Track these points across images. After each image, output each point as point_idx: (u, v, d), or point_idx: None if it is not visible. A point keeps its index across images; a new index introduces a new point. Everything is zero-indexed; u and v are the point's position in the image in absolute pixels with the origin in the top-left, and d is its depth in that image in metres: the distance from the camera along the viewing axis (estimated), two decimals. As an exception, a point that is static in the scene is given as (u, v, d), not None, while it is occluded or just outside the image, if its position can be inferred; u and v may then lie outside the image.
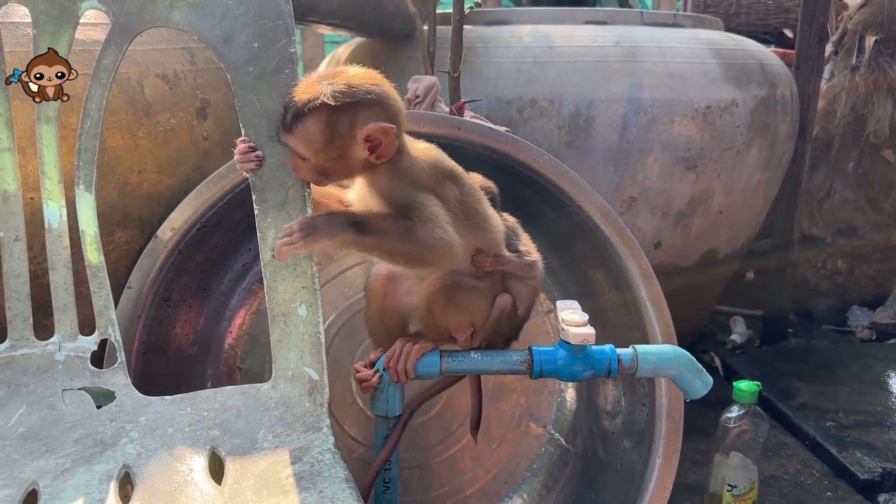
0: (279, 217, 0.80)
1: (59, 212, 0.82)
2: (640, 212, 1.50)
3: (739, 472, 1.24)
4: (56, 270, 0.82)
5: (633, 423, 1.10)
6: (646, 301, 1.02)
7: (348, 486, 0.65)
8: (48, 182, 0.82)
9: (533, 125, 1.44)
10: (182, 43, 1.08)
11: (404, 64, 1.54)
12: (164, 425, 0.76)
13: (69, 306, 0.82)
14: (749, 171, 1.59)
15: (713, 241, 1.63)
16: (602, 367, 0.82)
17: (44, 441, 0.74)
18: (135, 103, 0.98)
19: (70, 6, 0.81)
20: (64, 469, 0.70)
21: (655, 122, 1.44)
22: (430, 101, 1.22)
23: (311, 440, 0.72)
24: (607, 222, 1.02)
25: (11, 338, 0.80)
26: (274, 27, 0.81)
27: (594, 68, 1.45)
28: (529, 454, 1.22)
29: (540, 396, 1.23)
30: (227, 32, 0.81)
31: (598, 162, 1.46)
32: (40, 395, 0.79)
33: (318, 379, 0.77)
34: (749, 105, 1.53)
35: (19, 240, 0.81)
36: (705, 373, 0.84)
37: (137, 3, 0.81)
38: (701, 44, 1.55)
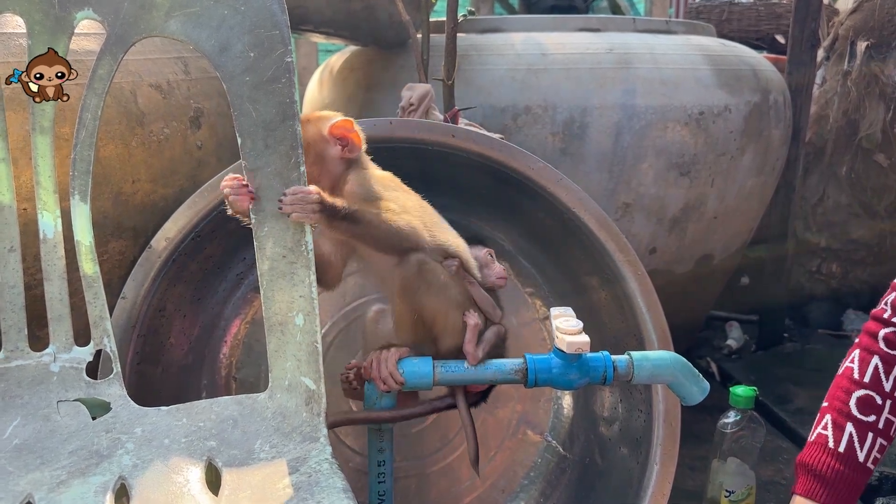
0: (276, 227, 0.80)
1: (54, 222, 0.82)
2: (634, 218, 1.50)
3: (737, 477, 1.24)
4: (51, 281, 0.81)
5: (630, 429, 1.10)
6: (641, 307, 1.02)
7: (346, 496, 0.64)
8: (43, 192, 0.82)
9: (527, 132, 1.45)
10: (175, 52, 1.08)
11: (397, 72, 1.55)
12: (160, 436, 0.75)
13: (64, 317, 0.81)
14: (743, 176, 1.59)
15: (708, 247, 1.64)
16: (598, 375, 0.82)
17: (39, 453, 0.74)
18: (128, 113, 0.98)
19: (65, 16, 0.81)
20: (59, 481, 0.69)
21: (649, 128, 1.45)
22: (424, 109, 1.23)
23: (309, 450, 0.72)
24: (602, 229, 1.02)
25: (6, 349, 0.80)
26: (270, 37, 0.81)
27: (588, 75, 1.46)
28: (527, 462, 1.22)
29: (537, 404, 1.23)
30: (222, 42, 0.81)
31: (592, 168, 1.46)
32: (35, 407, 0.78)
33: (315, 389, 0.77)
34: (742, 111, 1.54)
35: (14, 250, 0.81)
36: (702, 378, 0.84)
37: (133, 13, 0.81)
38: (694, 50, 1.56)
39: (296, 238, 0.80)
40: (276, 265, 0.80)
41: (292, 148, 0.81)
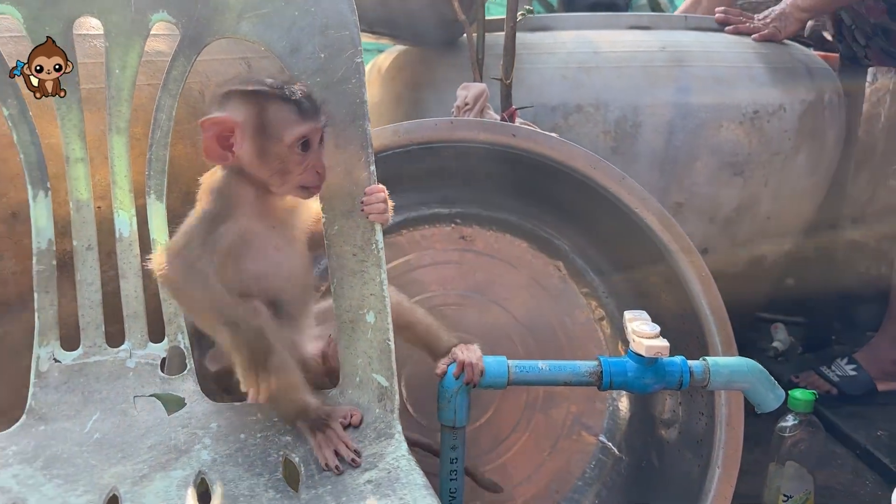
0: (346, 225, 0.81)
1: (130, 221, 0.84)
2: (686, 218, 1.48)
3: (795, 482, 1.22)
4: (127, 279, 0.83)
5: (690, 432, 1.08)
6: (705, 309, 1.01)
7: (428, 492, 0.65)
8: (119, 191, 0.84)
9: (578, 131, 1.44)
10: (239, 53, 1.09)
11: (446, 71, 1.54)
12: (235, 431, 0.76)
13: (139, 314, 0.83)
14: (797, 176, 1.56)
15: (760, 248, 1.61)
16: (673, 380, 0.80)
17: (119, 447, 0.75)
18: (196, 113, 0.99)
19: (141, 19, 0.82)
20: (142, 475, 0.71)
21: (703, 127, 1.43)
22: (479, 109, 1.22)
23: (384, 447, 0.72)
24: (666, 229, 1.02)
25: (84, 345, 0.82)
26: (340, 38, 0.82)
27: (640, 73, 1.44)
28: (581, 463, 1.21)
29: (592, 405, 1.22)
30: (293, 43, 0.82)
31: (644, 167, 1.44)
32: (113, 402, 0.80)
33: (387, 385, 0.77)
34: (797, 109, 1.51)
35: (91, 248, 0.82)
36: (777, 385, 0.83)
37: (206, 15, 0.83)
38: (747, 48, 1.54)
39: (366, 237, 0.81)
40: (346, 263, 0.81)
41: (362, 147, 0.82)
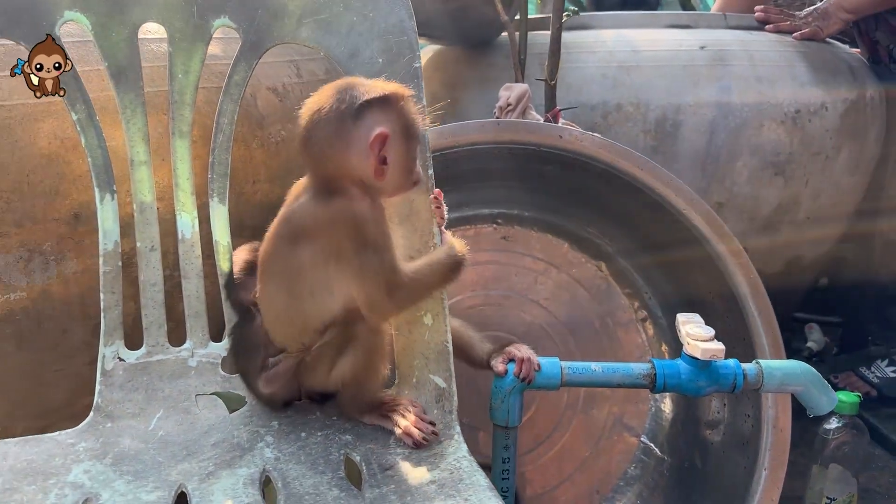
0: (403, 229, 0.82)
1: (192, 222, 0.85)
2: (727, 217, 1.47)
3: (839, 484, 1.21)
4: (189, 279, 0.85)
5: (735, 433, 1.08)
6: (753, 310, 1.01)
7: (492, 493, 0.66)
8: (181, 194, 0.85)
9: (618, 130, 1.44)
10: (288, 56, 1.10)
11: (485, 70, 1.55)
12: (297, 430, 0.78)
13: (201, 314, 0.85)
14: (838, 176, 1.55)
15: (799, 248, 1.60)
16: (727, 383, 0.80)
17: (184, 444, 0.77)
18: (249, 116, 1.00)
19: (203, 24, 0.84)
20: (208, 472, 0.72)
21: (744, 126, 1.42)
22: (521, 109, 1.23)
23: (445, 447, 0.73)
24: (714, 232, 1.01)
25: (147, 344, 0.83)
26: (398, 42, 0.83)
27: (681, 72, 1.44)
28: (623, 464, 1.22)
29: (633, 405, 1.23)
30: (352, 48, 0.83)
31: (684, 167, 1.44)
32: (175, 400, 0.82)
33: (445, 387, 0.79)
34: (839, 109, 1.50)
35: (154, 249, 0.84)
36: (831, 389, 0.83)
37: (266, 21, 0.84)
38: (788, 46, 1.53)
39: (423, 240, 0.82)
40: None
41: (420, 151, 0.83)
